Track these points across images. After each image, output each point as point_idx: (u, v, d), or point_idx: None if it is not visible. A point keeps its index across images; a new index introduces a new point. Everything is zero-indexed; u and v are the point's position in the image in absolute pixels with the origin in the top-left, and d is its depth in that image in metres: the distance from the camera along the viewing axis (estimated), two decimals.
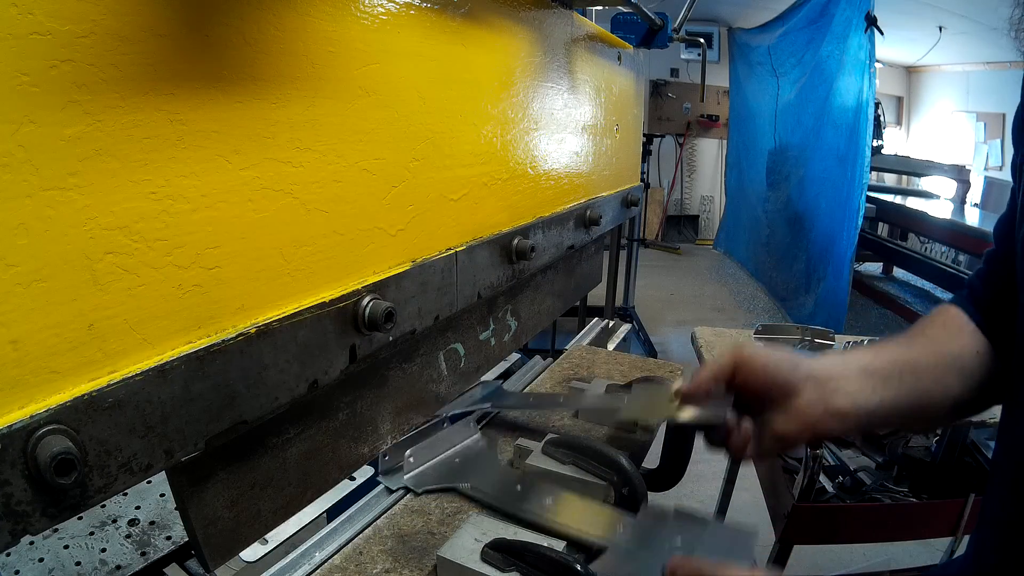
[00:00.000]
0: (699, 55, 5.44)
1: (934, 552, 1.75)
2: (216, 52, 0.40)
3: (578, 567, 0.57)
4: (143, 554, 0.75)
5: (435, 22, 0.59)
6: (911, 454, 1.73)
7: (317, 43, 0.47)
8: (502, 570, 0.58)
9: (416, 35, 0.57)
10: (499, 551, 0.59)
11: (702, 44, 1.51)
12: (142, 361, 0.37)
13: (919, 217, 4.17)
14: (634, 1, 0.91)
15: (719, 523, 0.55)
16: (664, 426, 0.84)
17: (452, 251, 0.65)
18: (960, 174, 4.50)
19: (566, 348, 1.22)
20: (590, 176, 1.02)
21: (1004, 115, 4.55)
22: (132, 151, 0.35)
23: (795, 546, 1.20)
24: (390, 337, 0.56)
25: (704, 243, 6.55)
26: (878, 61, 3.04)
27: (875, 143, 4.33)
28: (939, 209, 4.20)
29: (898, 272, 4.42)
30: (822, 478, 1.72)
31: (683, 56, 6.02)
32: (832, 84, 3.50)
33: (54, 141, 0.32)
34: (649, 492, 0.71)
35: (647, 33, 1.15)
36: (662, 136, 6.12)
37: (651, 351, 3.41)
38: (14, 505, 0.31)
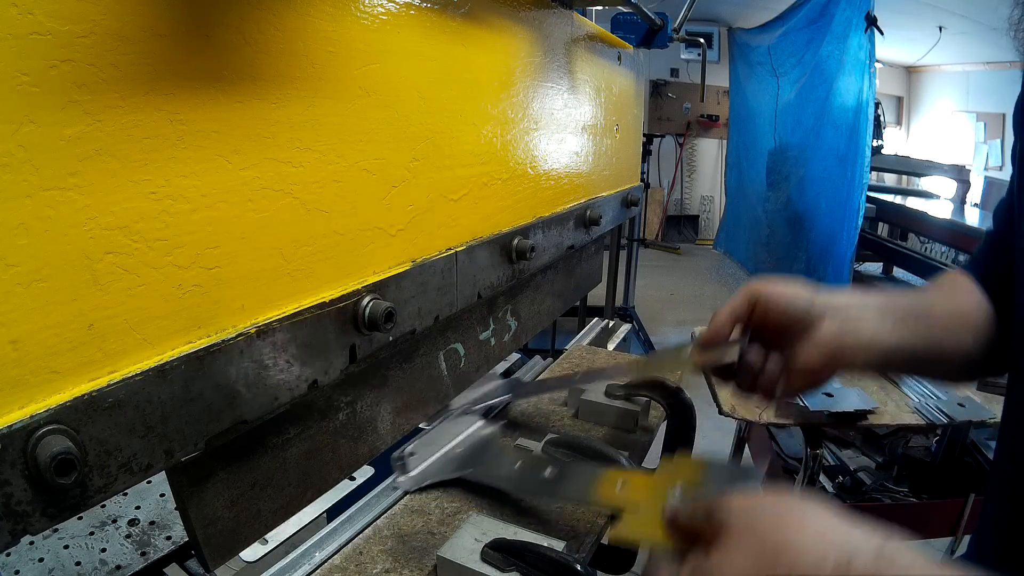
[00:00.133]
0: (699, 55, 5.44)
1: (934, 552, 1.75)
2: (216, 52, 0.40)
3: (578, 567, 0.57)
4: (143, 554, 0.75)
5: (435, 22, 0.59)
6: (911, 454, 1.73)
7: (317, 43, 0.47)
8: (502, 570, 0.58)
9: (416, 35, 0.57)
10: (499, 551, 0.59)
11: (702, 44, 1.51)
12: (142, 361, 0.37)
13: (919, 217, 4.18)
14: (634, 1, 0.91)
15: (720, 462, 0.53)
16: (664, 426, 0.84)
17: (452, 251, 0.65)
18: (960, 174, 4.50)
19: (566, 348, 1.22)
20: (590, 176, 1.02)
21: (1004, 115, 4.55)
22: (132, 151, 0.35)
23: None
24: (390, 337, 0.56)
25: (704, 243, 6.55)
26: (878, 61, 3.04)
27: (875, 143, 4.33)
28: (939, 209, 4.21)
29: (898, 272, 4.43)
30: (822, 478, 1.72)
31: (683, 56, 6.02)
32: (832, 84, 3.50)
33: (54, 141, 0.32)
34: None
35: (647, 33, 1.14)
36: (662, 136, 6.12)
37: (651, 351, 3.41)
38: (14, 505, 0.31)
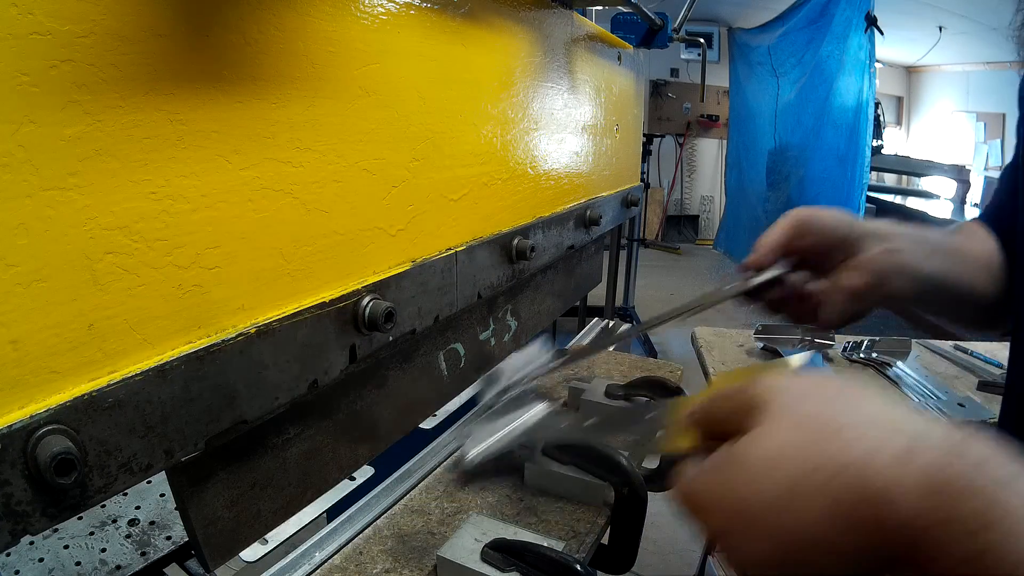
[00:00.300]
0: (699, 55, 5.44)
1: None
2: (216, 52, 0.40)
3: (578, 567, 0.57)
4: (143, 554, 0.75)
5: (435, 22, 0.59)
6: None
7: (317, 43, 0.47)
8: (502, 570, 0.58)
9: (416, 35, 0.57)
10: (499, 551, 0.59)
11: (702, 44, 1.51)
12: (142, 361, 0.37)
13: (919, 217, 4.18)
14: (634, 1, 0.91)
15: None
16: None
17: (452, 251, 0.65)
18: (960, 174, 4.50)
19: (566, 348, 1.22)
20: (590, 176, 1.02)
21: (1004, 115, 4.54)
22: (132, 151, 0.35)
23: None
24: (390, 337, 0.56)
25: (704, 243, 6.55)
26: (878, 61, 3.05)
27: (875, 143, 4.33)
28: (939, 209, 4.21)
29: None
30: None
31: (683, 56, 6.02)
32: (832, 84, 3.50)
33: (54, 141, 0.32)
34: (649, 492, 0.71)
35: (647, 33, 1.14)
36: (662, 136, 6.12)
37: (651, 351, 3.42)
38: (14, 505, 0.31)
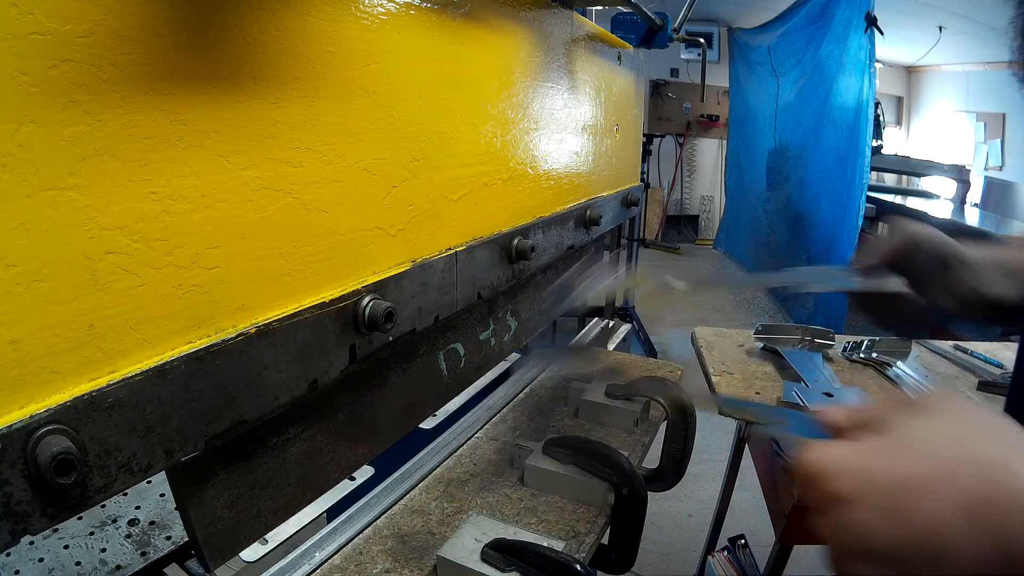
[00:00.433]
0: (699, 55, 5.44)
1: None
2: (216, 52, 0.40)
3: (578, 567, 0.57)
4: (143, 554, 0.75)
5: (435, 22, 0.59)
6: None
7: (317, 43, 0.47)
8: (502, 570, 0.58)
9: (416, 35, 0.57)
10: (499, 551, 0.59)
11: (702, 44, 1.51)
12: (142, 361, 0.37)
13: (919, 217, 4.17)
14: (634, 1, 0.91)
15: None
16: (664, 426, 0.84)
17: (452, 251, 0.65)
18: (960, 174, 4.50)
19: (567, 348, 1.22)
20: (590, 176, 1.02)
21: (1004, 115, 4.54)
22: (132, 151, 0.35)
23: (795, 546, 1.20)
24: (390, 337, 0.56)
25: (704, 243, 6.55)
26: (878, 61, 3.04)
27: (875, 143, 4.33)
28: (939, 209, 4.21)
29: None
30: None
31: (683, 56, 6.02)
32: (832, 84, 3.50)
33: (54, 141, 0.32)
34: (649, 492, 0.71)
35: (647, 33, 1.15)
36: (662, 136, 6.12)
37: (651, 351, 3.41)
38: (14, 505, 0.31)
